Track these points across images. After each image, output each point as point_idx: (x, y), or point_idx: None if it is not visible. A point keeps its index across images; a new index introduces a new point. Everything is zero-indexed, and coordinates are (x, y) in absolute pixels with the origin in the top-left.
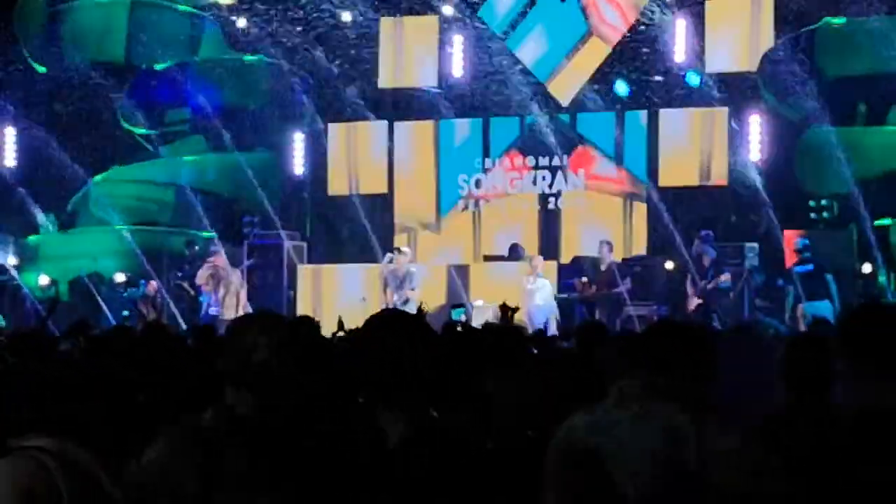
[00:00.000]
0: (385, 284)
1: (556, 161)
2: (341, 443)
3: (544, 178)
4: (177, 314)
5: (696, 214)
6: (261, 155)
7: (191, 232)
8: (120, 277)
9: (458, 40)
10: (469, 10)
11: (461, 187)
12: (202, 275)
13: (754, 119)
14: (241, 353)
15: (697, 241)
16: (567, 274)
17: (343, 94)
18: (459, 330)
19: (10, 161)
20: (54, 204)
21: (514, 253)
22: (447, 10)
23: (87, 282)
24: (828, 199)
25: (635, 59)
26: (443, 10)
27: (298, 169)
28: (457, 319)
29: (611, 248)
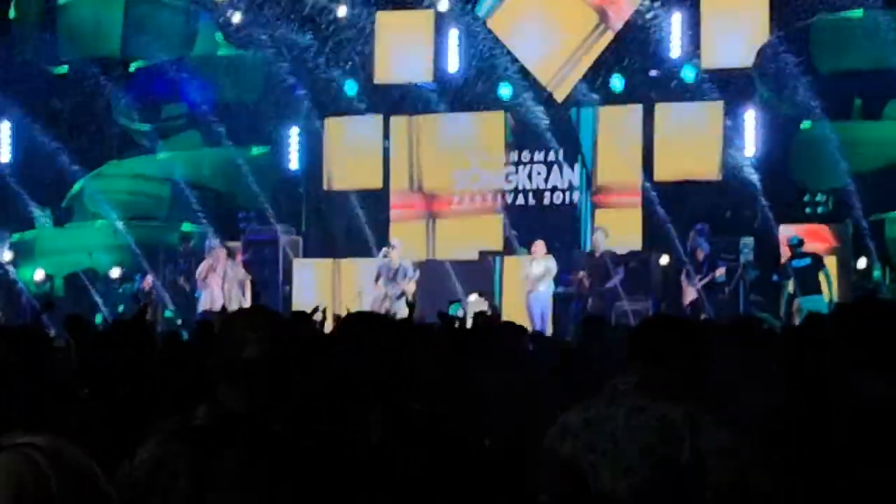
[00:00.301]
0: (378, 278)
1: (551, 156)
2: (339, 441)
3: (539, 172)
4: (172, 309)
5: (691, 209)
6: (256, 150)
7: (186, 227)
8: (115, 272)
9: (453, 35)
10: (464, 5)
11: (456, 182)
12: (202, 269)
13: (750, 114)
14: (231, 349)
15: (693, 234)
16: (562, 267)
17: (338, 89)
18: (457, 326)
19: (5, 156)
20: (50, 199)
21: (509, 247)
22: (442, 4)
23: (82, 277)
24: (823, 194)
25: (631, 54)
26: (438, 5)
27: (294, 164)
28: (453, 315)
29: (605, 234)
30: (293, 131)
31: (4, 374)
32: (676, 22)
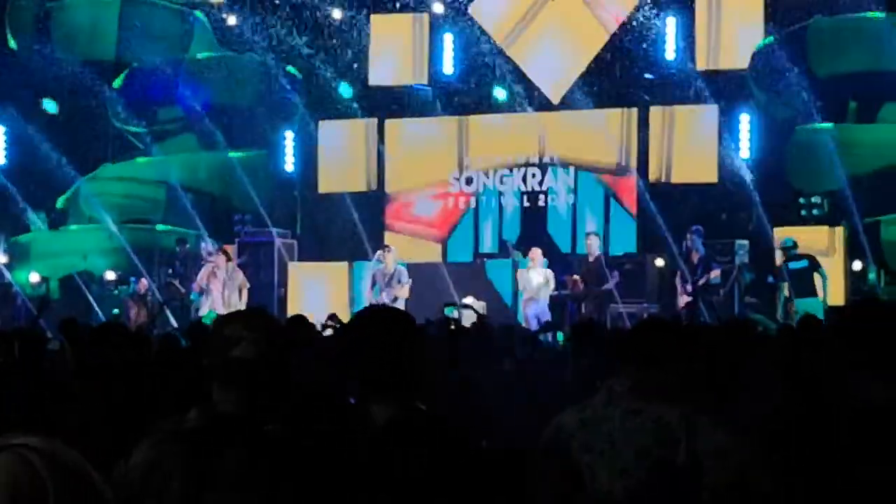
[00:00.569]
0: (373, 282)
1: (545, 158)
2: (338, 441)
3: (534, 175)
4: (167, 313)
5: (686, 212)
6: (251, 153)
7: (181, 230)
8: (110, 275)
9: (448, 38)
10: (459, 8)
11: (451, 184)
12: (202, 275)
13: (745, 116)
14: (224, 349)
15: (689, 235)
16: (557, 271)
17: (333, 92)
18: (453, 328)
19: (0, 159)
20: (45, 202)
21: (505, 250)
22: (437, 7)
23: (77, 280)
24: (818, 197)
25: (626, 57)
26: (433, 8)
27: (289, 167)
28: (449, 317)
29: (598, 238)
30: (288, 134)
31: (2, 376)
32: (671, 25)
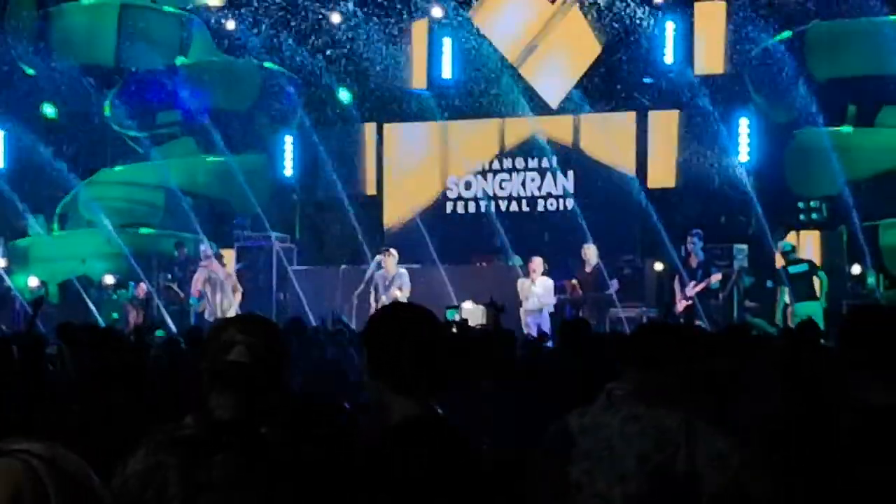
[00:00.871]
0: (374, 286)
1: (544, 163)
2: (335, 444)
3: (533, 179)
4: (166, 317)
5: (685, 216)
6: (251, 157)
7: (180, 234)
8: (109, 280)
9: (447, 42)
10: (458, 13)
11: (450, 189)
12: (198, 280)
13: (744, 121)
14: (219, 353)
15: (690, 238)
16: (556, 277)
17: (332, 97)
18: (454, 331)
19: None
20: (44, 206)
21: (504, 255)
22: (436, 12)
23: (76, 284)
24: (817, 201)
25: (625, 62)
26: (432, 13)
27: (288, 171)
28: (451, 320)
29: (595, 249)
30: (287, 139)
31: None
32: (670, 29)
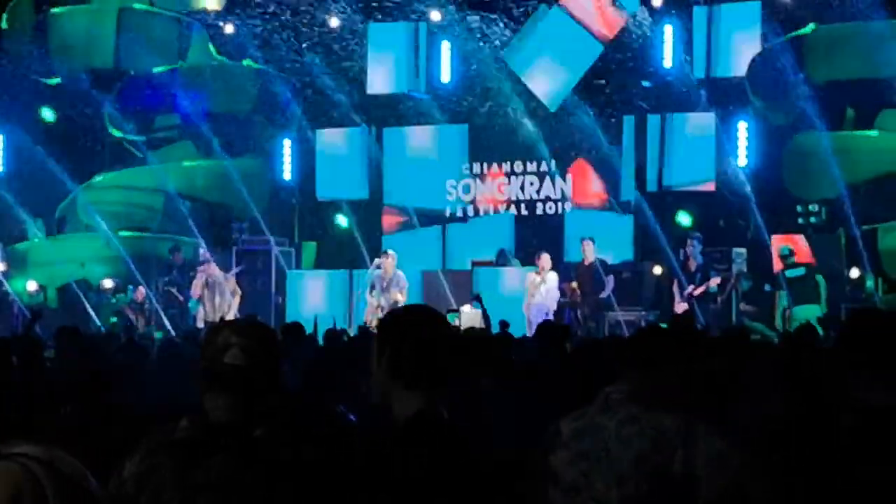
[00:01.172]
0: (372, 289)
1: (543, 166)
2: (337, 443)
3: (532, 183)
4: (165, 320)
5: (684, 219)
6: (249, 161)
7: (179, 238)
8: (108, 283)
9: (445, 46)
10: (456, 16)
11: (449, 193)
12: (197, 284)
13: (742, 124)
14: (215, 356)
15: (689, 241)
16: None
17: (331, 100)
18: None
19: None
20: (42, 210)
21: (502, 258)
22: (435, 15)
23: (75, 288)
24: (816, 204)
25: (624, 65)
26: (430, 16)
27: (287, 174)
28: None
29: (593, 243)
30: (286, 142)
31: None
32: (669, 32)
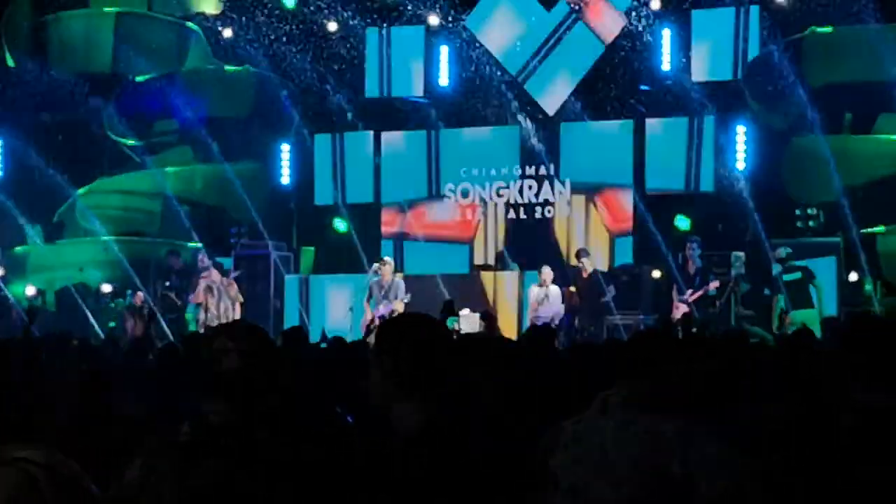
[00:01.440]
0: (370, 294)
1: (542, 170)
2: (337, 444)
3: (531, 186)
4: (164, 325)
5: (683, 223)
6: (247, 165)
7: (177, 243)
8: (106, 288)
9: (444, 50)
10: (455, 20)
11: (448, 196)
12: (199, 290)
13: (741, 128)
14: (212, 361)
15: (689, 244)
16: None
17: (330, 104)
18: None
19: None
20: (41, 215)
21: (502, 262)
22: (433, 19)
23: (73, 292)
24: (814, 208)
25: (622, 69)
26: (429, 20)
27: (285, 179)
28: (450, 328)
29: (588, 257)
30: (284, 147)
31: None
32: (667, 36)
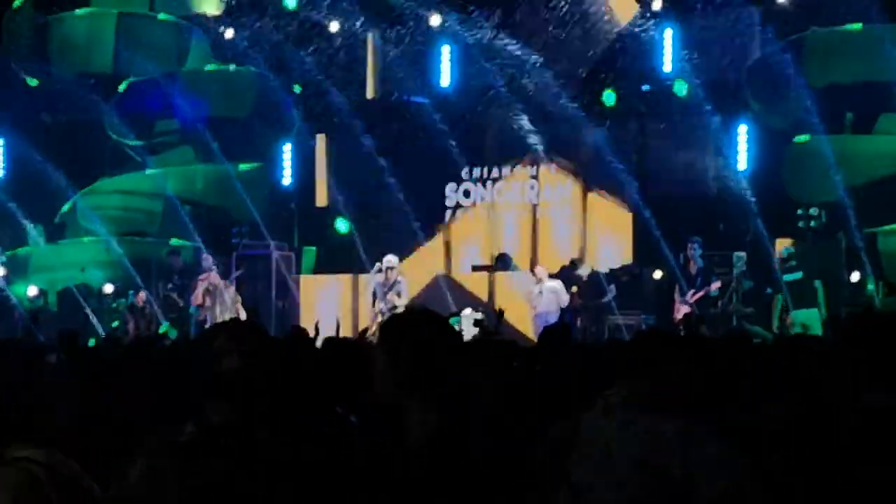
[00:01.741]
0: (373, 294)
1: (543, 170)
2: (337, 444)
3: (532, 187)
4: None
5: (684, 223)
6: (249, 165)
7: (178, 243)
8: (108, 288)
9: (445, 51)
10: (456, 21)
11: (448, 197)
12: (199, 292)
13: (742, 128)
14: (212, 362)
15: (689, 245)
16: None
17: (331, 105)
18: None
19: None
20: (43, 215)
21: (502, 262)
22: (435, 20)
23: (75, 293)
24: (816, 208)
25: (623, 69)
26: (430, 21)
27: (286, 179)
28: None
29: (581, 262)
30: (286, 147)
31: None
32: (668, 37)
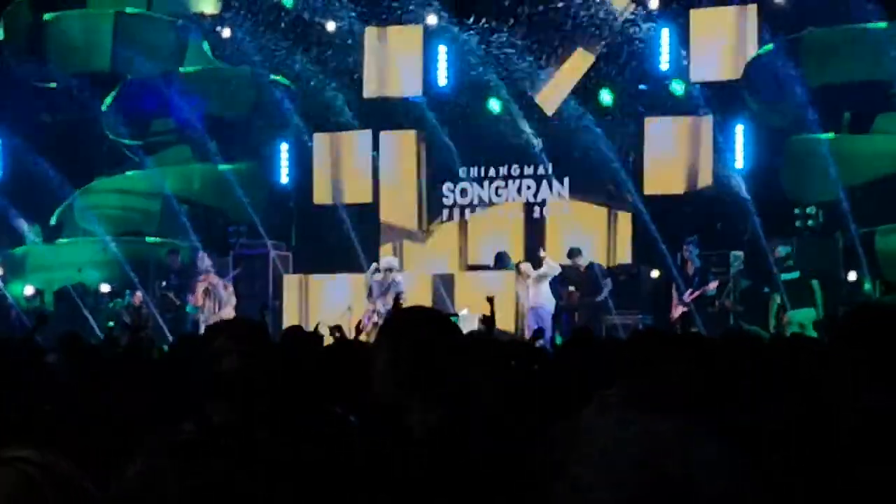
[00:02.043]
0: (370, 293)
1: (540, 170)
2: (337, 444)
3: (529, 186)
4: (162, 325)
5: (681, 223)
6: (246, 165)
7: (176, 243)
8: (105, 288)
9: (442, 50)
10: (453, 20)
11: (446, 196)
12: (198, 293)
13: (739, 127)
14: (211, 362)
15: (685, 245)
16: (552, 281)
17: (328, 104)
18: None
19: None
20: (39, 215)
21: (500, 262)
22: (431, 19)
23: (72, 292)
24: (813, 207)
25: (620, 69)
26: (427, 20)
27: (284, 178)
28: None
29: (580, 253)
30: (283, 146)
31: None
32: (665, 36)
